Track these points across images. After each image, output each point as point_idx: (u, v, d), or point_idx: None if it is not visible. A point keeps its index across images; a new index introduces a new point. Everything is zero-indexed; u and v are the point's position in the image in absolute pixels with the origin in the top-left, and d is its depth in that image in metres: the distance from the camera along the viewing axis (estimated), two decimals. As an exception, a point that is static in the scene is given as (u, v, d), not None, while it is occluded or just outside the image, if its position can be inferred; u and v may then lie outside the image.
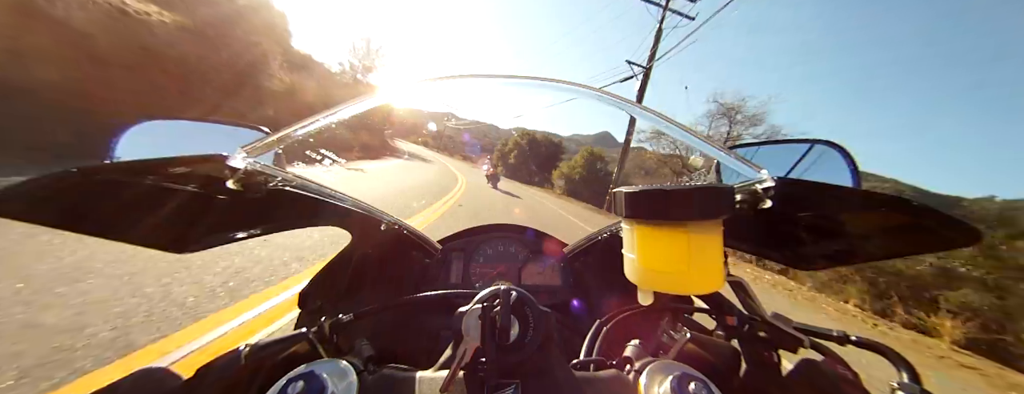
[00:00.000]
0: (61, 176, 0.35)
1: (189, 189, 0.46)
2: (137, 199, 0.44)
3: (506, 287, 0.46)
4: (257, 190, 0.49)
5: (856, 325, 6.49)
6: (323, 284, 0.84)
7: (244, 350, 0.44)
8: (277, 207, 0.59)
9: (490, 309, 0.42)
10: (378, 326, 0.79)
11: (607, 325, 0.63)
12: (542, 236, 1.17)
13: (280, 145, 0.51)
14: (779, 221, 0.48)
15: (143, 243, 0.49)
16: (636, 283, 0.43)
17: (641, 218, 0.41)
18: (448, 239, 1.16)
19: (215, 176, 0.45)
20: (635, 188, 0.41)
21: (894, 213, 0.37)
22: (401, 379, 0.41)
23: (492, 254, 1.12)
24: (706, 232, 0.38)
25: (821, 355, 0.47)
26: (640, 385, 0.39)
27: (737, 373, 0.45)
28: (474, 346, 0.39)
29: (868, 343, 0.46)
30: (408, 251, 1.01)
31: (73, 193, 0.38)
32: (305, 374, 0.37)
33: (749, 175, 0.48)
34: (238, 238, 0.59)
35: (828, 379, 0.41)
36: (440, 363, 0.45)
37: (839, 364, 0.44)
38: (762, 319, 0.51)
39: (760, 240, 0.54)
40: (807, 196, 0.43)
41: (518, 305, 0.44)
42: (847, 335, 0.47)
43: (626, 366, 0.44)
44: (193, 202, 0.48)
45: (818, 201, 0.43)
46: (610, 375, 0.43)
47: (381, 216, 0.84)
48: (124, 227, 0.47)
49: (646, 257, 0.40)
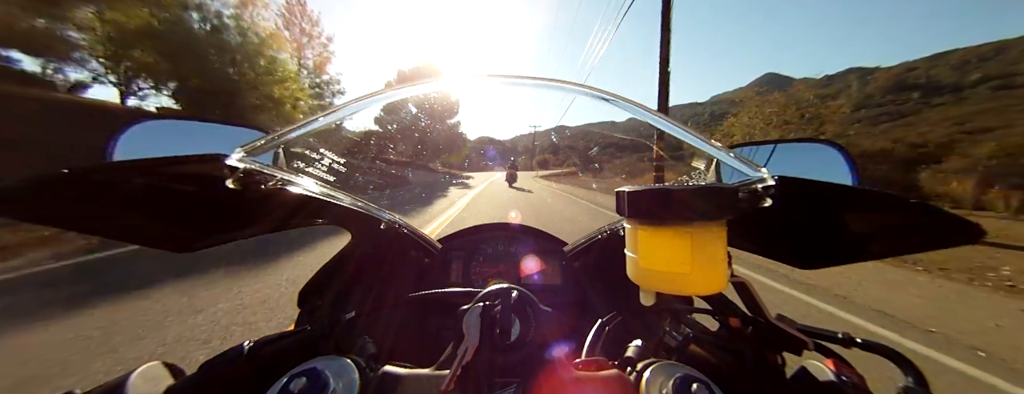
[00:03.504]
0: (60, 175, 0.35)
1: (188, 189, 0.46)
2: (136, 199, 0.44)
3: (507, 286, 0.46)
4: (256, 189, 0.49)
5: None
6: (323, 283, 0.83)
7: (248, 345, 0.44)
8: (276, 206, 0.59)
9: (491, 308, 0.42)
10: (379, 324, 0.79)
11: (608, 325, 0.63)
12: (542, 235, 1.17)
13: (279, 145, 0.51)
14: (780, 220, 0.47)
15: (142, 242, 0.49)
16: (638, 283, 0.43)
17: (644, 218, 0.41)
18: (448, 238, 1.16)
19: (214, 176, 0.45)
20: (638, 187, 0.41)
21: (895, 211, 0.37)
22: (402, 377, 0.41)
23: (492, 253, 1.12)
24: (709, 233, 0.38)
25: (826, 358, 0.47)
26: (642, 386, 0.39)
27: (740, 375, 0.44)
28: (475, 345, 0.39)
29: (874, 346, 0.45)
30: (408, 250, 1.01)
31: (72, 193, 0.38)
32: (307, 370, 0.38)
33: (749, 174, 0.48)
34: (237, 238, 0.59)
35: (832, 382, 0.41)
36: (441, 361, 0.45)
37: (844, 367, 0.43)
38: (766, 321, 0.50)
39: (760, 239, 0.54)
40: (808, 195, 0.43)
41: (519, 304, 0.44)
42: (852, 337, 0.46)
43: (628, 367, 0.44)
44: (192, 202, 0.48)
45: (819, 200, 0.42)
46: (611, 375, 0.42)
47: (380, 215, 0.84)
48: (123, 227, 0.47)
49: (648, 258, 0.40)
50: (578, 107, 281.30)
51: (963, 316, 3.27)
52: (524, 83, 0.61)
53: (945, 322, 3.09)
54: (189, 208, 0.49)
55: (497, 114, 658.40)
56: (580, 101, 53.59)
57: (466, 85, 0.61)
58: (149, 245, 0.50)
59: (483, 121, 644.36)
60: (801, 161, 0.73)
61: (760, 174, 0.46)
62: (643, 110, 0.56)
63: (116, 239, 0.46)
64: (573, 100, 42.79)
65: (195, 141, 0.69)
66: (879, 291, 3.87)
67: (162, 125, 0.64)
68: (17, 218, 0.37)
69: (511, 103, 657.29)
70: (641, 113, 0.56)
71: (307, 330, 0.50)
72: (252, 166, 0.46)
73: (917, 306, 3.49)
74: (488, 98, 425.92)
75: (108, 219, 0.45)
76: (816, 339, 0.48)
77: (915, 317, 3.19)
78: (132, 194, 0.43)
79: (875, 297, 3.67)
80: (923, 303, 3.59)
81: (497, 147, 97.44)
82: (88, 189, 0.39)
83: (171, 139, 0.65)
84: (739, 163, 0.49)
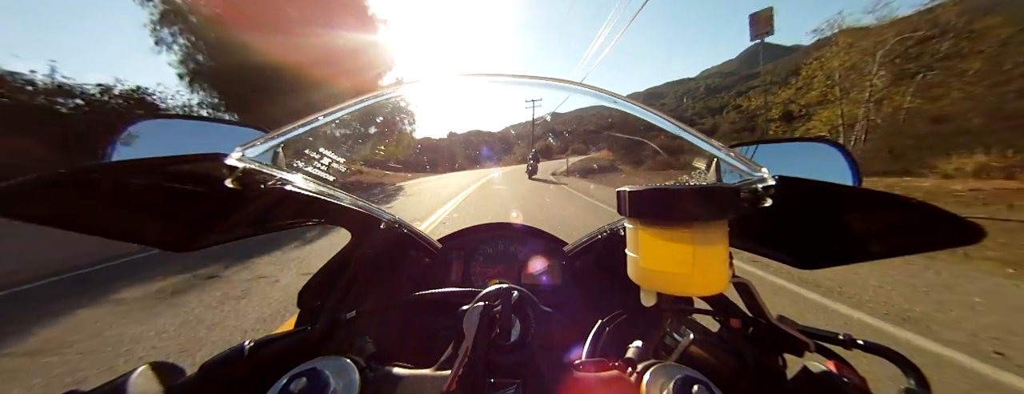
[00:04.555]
0: (59, 175, 0.34)
1: (187, 188, 0.46)
2: (135, 198, 0.44)
3: (507, 286, 0.46)
4: (255, 189, 0.49)
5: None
6: (322, 284, 0.83)
7: (248, 345, 0.44)
8: (276, 206, 0.59)
9: (492, 308, 0.42)
10: (379, 324, 0.79)
11: (609, 326, 0.62)
12: (542, 235, 1.17)
13: (278, 144, 0.51)
14: (780, 220, 0.47)
15: (141, 242, 0.49)
16: (639, 283, 0.43)
17: (645, 218, 0.40)
18: (448, 238, 1.16)
19: (213, 175, 0.45)
20: (639, 187, 0.40)
21: (895, 211, 0.37)
22: (403, 377, 0.41)
23: (492, 253, 1.12)
24: (711, 233, 0.38)
25: (827, 359, 0.46)
26: (643, 387, 0.39)
27: (741, 377, 0.44)
28: (476, 345, 0.39)
29: (876, 347, 0.45)
30: (408, 250, 1.01)
31: (71, 192, 0.38)
32: (308, 370, 0.38)
33: (749, 174, 0.47)
34: (237, 237, 0.59)
35: (834, 384, 0.40)
36: (441, 362, 0.45)
37: (846, 369, 0.43)
38: (767, 322, 0.50)
39: (760, 239, 0.54)
40: (808, 195, 0.42)
41: (519, 304, 0.44)
42: (854, 339, 0.46)
43: (628, 367, 0.44)
44: (191, 201, 0.48)
45: (819, 200, 0.42)
46: (612, 376, 0.42)
47: (380, 215, 0.84)
48: (123, 226, 0.47)
49: (649, 258, 0.40)
50: (571, 98, 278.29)
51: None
52: (526, 82, 0.60)
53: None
54: (189, 208, 0.49)
55: (486, 107, 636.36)
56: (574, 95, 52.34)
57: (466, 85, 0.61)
58: (148, 244, 0.50)
59: (471, 115, 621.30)
60: (801, 160, 0.73)
61: (760, 174, 0.45)
62: (644, 110, 0.56)
63: (115, 239, 0.46)
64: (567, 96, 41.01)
65: (195, 140, 0.69)
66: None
67: (161, 124, 0.64)
68: (17, 218, 0.37)
69: (499, 96, 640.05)
70: (642, 112, 0.56)
71: (307, 330, 0.50)
72: (251, 166, 0.46)
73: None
74: (477, 93, 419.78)
75: (107, 219, 0.45)
76: (817, 340, 0.47)
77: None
78: (132, 194, 0.42)
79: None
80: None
81: (486, 138, 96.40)
82: (87, 189, 0.39)
83: (171, 138, 0.65)
84: (739, 162, 0.49)
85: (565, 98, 54.82)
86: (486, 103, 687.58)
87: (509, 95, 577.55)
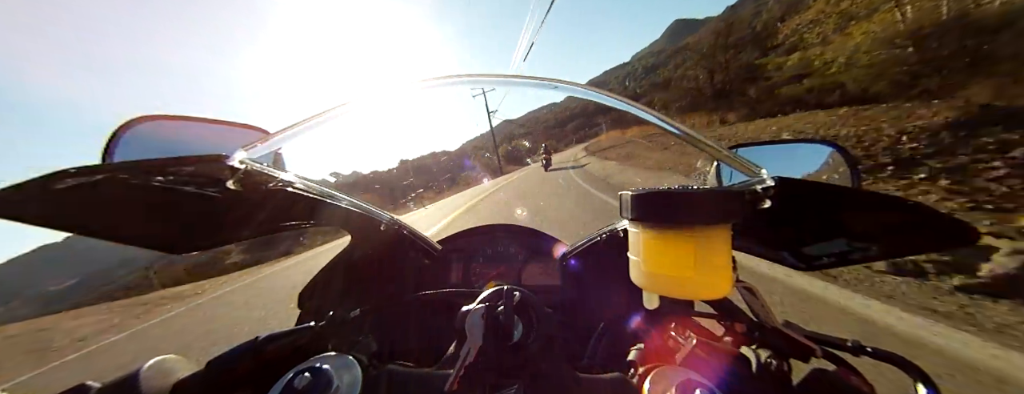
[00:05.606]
0: (59, 176, 0.34)
1: (188, 189, 0.46)
2: (136, 200, 0.44)
3: (508, 287, 0.46)
4: (256, 190, 0.48)
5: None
6: (322, 285, 0.83)
7: (254, 341, 0.44)
8: (276, 207, 0.59)
9: (493, 309, 0.42)
10: (382, 324, 0.79)
11: (611, 328, 0.62)
12: (542, 236, 1.16)
13: (280, 145, 0.51)
14: (779, 222, 0.47)
15: (142, 244, 0.49)
16: (641, 287, 0.42)
17: (648, 221, 0.40)
18: (448, 239, 1.16)
19: (214, 176, 0.45)
20: (642, 190, 0.40)
21: (894, 213, 0.37)
22: (405, 376, 0.41)
23: (492, 254, 1.12)
24: (714, 237, 0.37)
25: (834, 365, 0.46)
26: (645, 390, 0.38)
27: (745, 382, 0.43)
28: (478, 345, 0.39)
29: (884, 354, 0.44)
30: (407, 251, 1.01)
31: (71, 194, 0.38)
32: (312, 367, 0.38)
33: (749, 175, 0.47)
34: (237, 238, 0.59)
35: (841, 391, 0.40)
36: (442, 361, 0.44)
37: (853, 375, 0.42)
38: (772, 326, 0.49)
39: (759, 240, 0.54)
40: (807, 196, 0.42)
41: (521, 305, 0.43)
42: (862, 345, 0.45)
43: (630, 370, 0.44)
44: (192, 202, 0.48)
45: (818, 201, 0.42)
46: (614, 379, 0.42)
47: (380, 216, 0.84)
48: (123, 228, 0.47)
49: (652, 261, 0.40)
50: (514, 97, 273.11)
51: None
52: (516, 83, 0.60)
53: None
54: (189, 209, 0.49)
55: (438, 125, 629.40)
56: (514, 91, 47.80)
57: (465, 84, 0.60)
58: (148, 246, 0.50)
59: (422, 137, 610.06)
60: (801, 161, 0.73)
61: (759, 175, 0.45)
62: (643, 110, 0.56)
63: (116, 241, 0.46)
64: (507, 92, 38.57)
65: (195, 141, 0.69)
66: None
67: (162, 125, 0.63)
68: (17, 220, 0.37)
69: (450, 111, 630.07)
70: (642, 113, 0.56)
71: (312, 327, 0.50)
72: (253, 167, 0.46)
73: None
74: (429, 109, 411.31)
75: (107, 221, 0.45)
76: (824, 346, 0.46)
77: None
78: (132, 195, 0.42)
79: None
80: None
81: (442, 158, 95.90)
82: (87, 190, 0.38)
83: (170, 139, 0.65)
84: (738, 163, 0.49)
85: (502, 99, 49.86)
86: (437, 120, 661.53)
87: (457, 109, 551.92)
